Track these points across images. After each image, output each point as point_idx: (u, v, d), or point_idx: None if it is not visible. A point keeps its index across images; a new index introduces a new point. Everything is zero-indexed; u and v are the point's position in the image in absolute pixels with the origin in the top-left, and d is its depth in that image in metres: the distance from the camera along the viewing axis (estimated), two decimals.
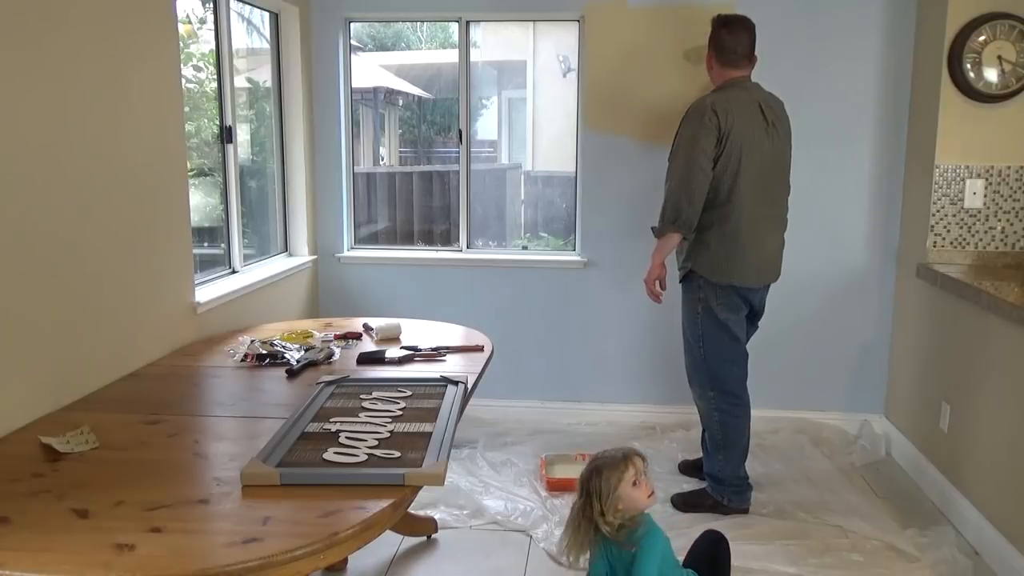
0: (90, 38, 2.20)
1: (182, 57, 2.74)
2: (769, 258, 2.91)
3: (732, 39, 2.84)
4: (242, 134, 3.48)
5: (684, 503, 3.01)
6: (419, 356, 2.52)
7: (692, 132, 2.74)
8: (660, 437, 3.66)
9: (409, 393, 2.10)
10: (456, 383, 2.16)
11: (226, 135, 3.19)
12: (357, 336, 2.76)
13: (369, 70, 4.29)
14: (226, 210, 3.25)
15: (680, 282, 3.00)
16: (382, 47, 4.33)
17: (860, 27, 3.51)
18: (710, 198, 2.77)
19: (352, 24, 3.94)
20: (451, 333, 2.83)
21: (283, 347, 2.56)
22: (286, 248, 3.86)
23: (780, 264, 2.98)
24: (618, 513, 1.90)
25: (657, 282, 3.00)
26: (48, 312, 2.05)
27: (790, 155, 2.94)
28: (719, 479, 2.98)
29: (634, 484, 1.89)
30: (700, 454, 3.18)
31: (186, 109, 2.77)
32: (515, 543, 2.80)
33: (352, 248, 4.03)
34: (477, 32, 3.91)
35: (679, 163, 2.77)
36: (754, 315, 3.01)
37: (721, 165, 2.73)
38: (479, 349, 2.59)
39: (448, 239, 4.07)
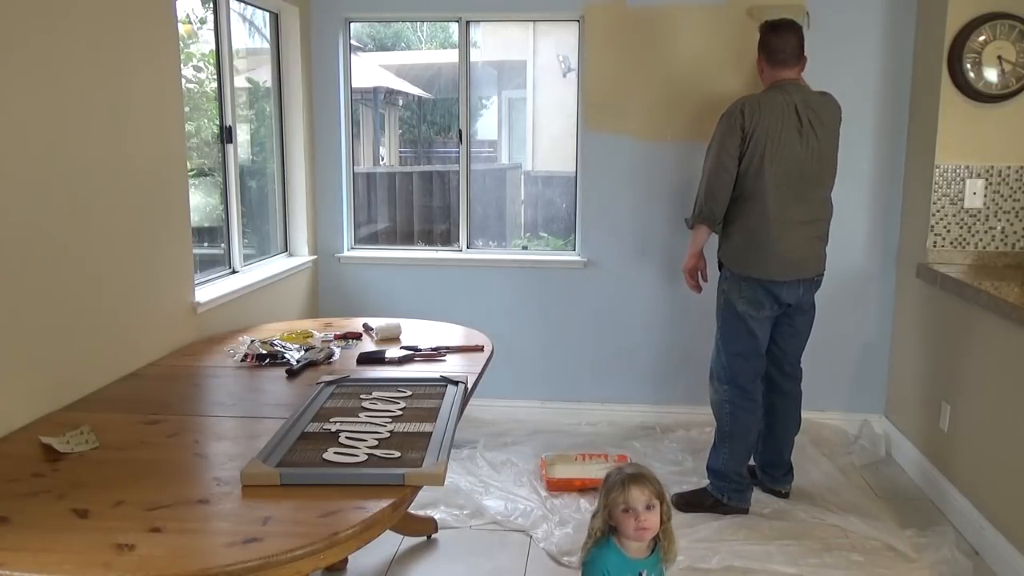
0: (90, 38, 2.20)
1: (182, 57, 2.74)
2: (796, 253, 2.89)
3: (780, 41, 2.91)
4: (242, 134, 3.48)
5: (684, 503, 3.01)
6: (419, 356, 2.52)
7: (721, 132, 2.90)
8: (660, 437, 3.66)
9: (409, 393, 2.10)
10: (456, 383, 2.16)
11: (226, 135, 3.19)
12: (357, 336, 2.76)
13: (369, 70, 4.28)
14: (226, 210, 3.25)
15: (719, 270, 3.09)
16: (382, 47, 4.33)
17: (860, 27, 3.51)
18: (735, 194, 2.90)
19: (352, 24, 3.94)
20: (451, 333, 2.83)
21: (283, 347, 2.56)
22: (286, 248, 3.86)
23: (813, 259, 2.95)
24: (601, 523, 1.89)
25: (699, 273, 3.12)
26: (48, 312, 2.05)
27: (832, 154, 2.95)
28: (720, 474, 2.99)
29: (624, 511, 1.83)
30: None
31: (186, 109, 2.77)
32: (515, 543, 2.80)
33: (352, 248, 4.03)
34: (477, 32, 3.91)
35: (708, 161, 2.94)
36: (791, 310, 2.98)
37: (745, 163, 2.86)
38: (479, 349, 2.59)
39: (448, 239, 4.07)
